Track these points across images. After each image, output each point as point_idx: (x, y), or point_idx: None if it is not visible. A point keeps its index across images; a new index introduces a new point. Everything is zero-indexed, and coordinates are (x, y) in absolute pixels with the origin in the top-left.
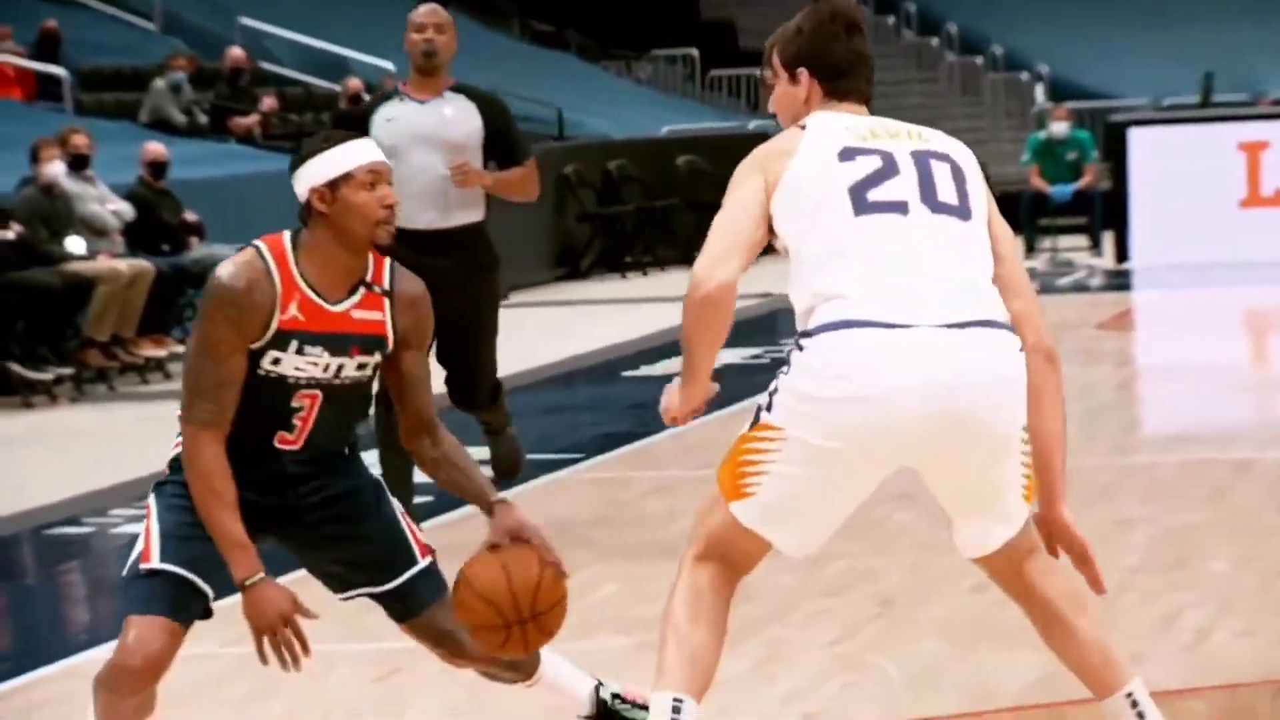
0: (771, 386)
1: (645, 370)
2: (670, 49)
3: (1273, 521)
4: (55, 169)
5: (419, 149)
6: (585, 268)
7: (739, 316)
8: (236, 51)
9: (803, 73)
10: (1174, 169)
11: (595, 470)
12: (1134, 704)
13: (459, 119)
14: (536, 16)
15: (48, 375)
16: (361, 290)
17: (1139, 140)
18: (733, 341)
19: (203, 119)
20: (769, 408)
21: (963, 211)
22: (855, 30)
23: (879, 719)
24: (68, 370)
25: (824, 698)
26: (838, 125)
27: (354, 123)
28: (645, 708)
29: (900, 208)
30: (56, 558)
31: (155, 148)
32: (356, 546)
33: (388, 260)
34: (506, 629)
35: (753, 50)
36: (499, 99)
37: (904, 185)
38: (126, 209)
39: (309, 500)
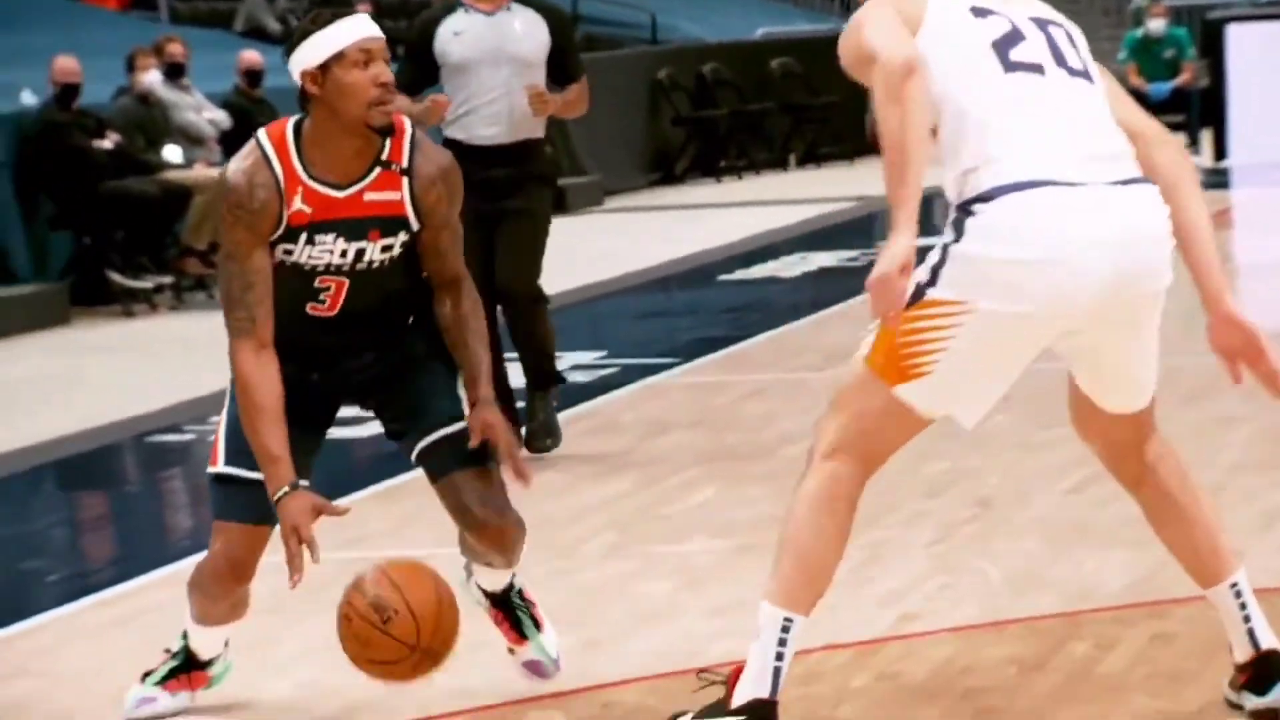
0: (933, 259)
1: (740, 274)
2: None
3: None
4: (151, 78)
5: (488, 64)
6: (679, 172)
7: (832, 219)
8: None
9: None
10: (1273, 66)
11: (691, 375)
12: (1238, 595)
13: (528, 33)
14: None
15: (147, 284)
16: (377, 169)
17: (1236, 37)
18: (827, 243)
19: None
20: (933, 282)
21: (1089, 76)
22: None
23: (977, 619)
24: (167, 278)
25: (922, 598)
26: None
27: (416, 39)
28: (537, 623)
29: (1039, 69)
30: (158, 464)
31: (251, 55)
32: (399, 399)
33: (408, 135)
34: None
35: None
36: (563, 11)
37: (1036, 48)
38: (223, 117)
39: (362, 366)
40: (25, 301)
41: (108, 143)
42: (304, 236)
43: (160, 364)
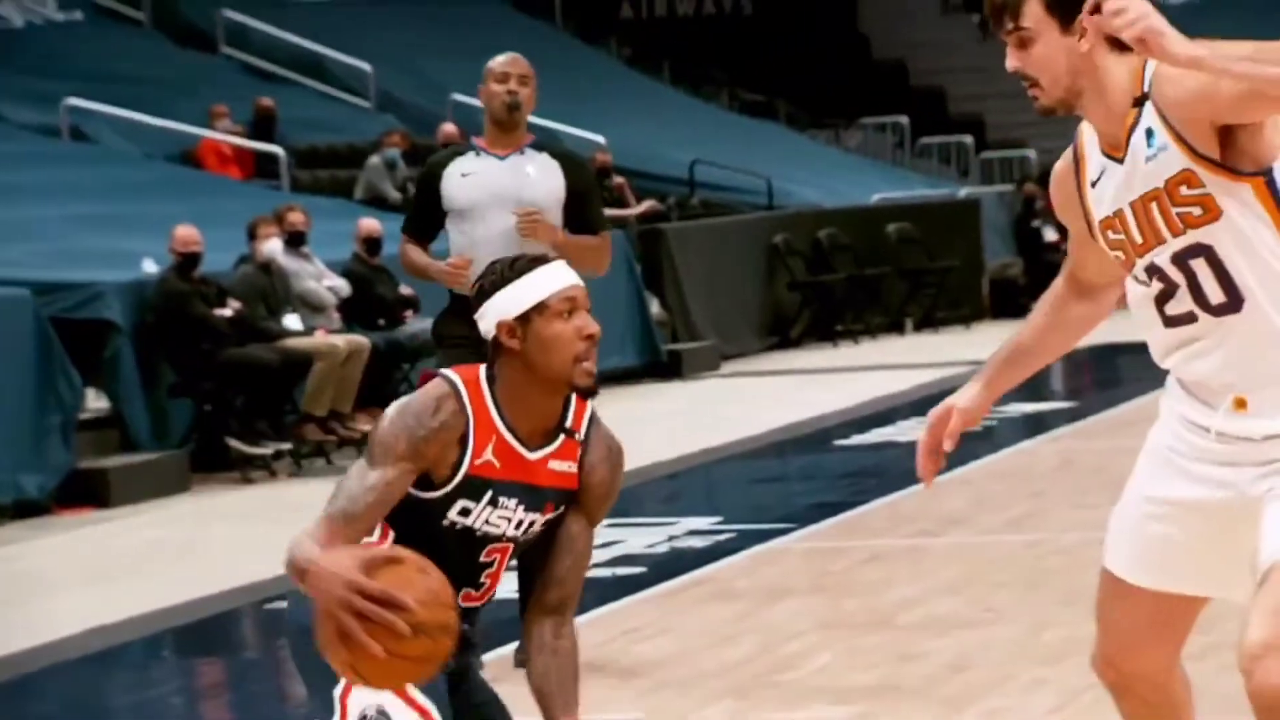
0: None
1: (856, 439)
2: (880, 116)
3: None
4: (272, 246)
5: (497, 208)
6: (796, 336)
7: (949, 384)
8: (449, 127)
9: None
10: None
11: (808, 540)
12: None
13: (542, 178)
14: (746, 87)
15: (266, 450)
16: (561, 437)
17: None
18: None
19: None
20: None
21: None
22: None
23: None
24: (286, 445)
25: None
26: None
27: (425, 179)
28: None
29: None
30: (277, 631)
31: (370, 224)
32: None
33: (589, 404)
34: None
35: (962, 116)
36: (582, 159)
37: None
38: (343, 285)
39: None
40: (146, 469)
41: (228, 311)
42: (489, 495)
43: (279, 530)
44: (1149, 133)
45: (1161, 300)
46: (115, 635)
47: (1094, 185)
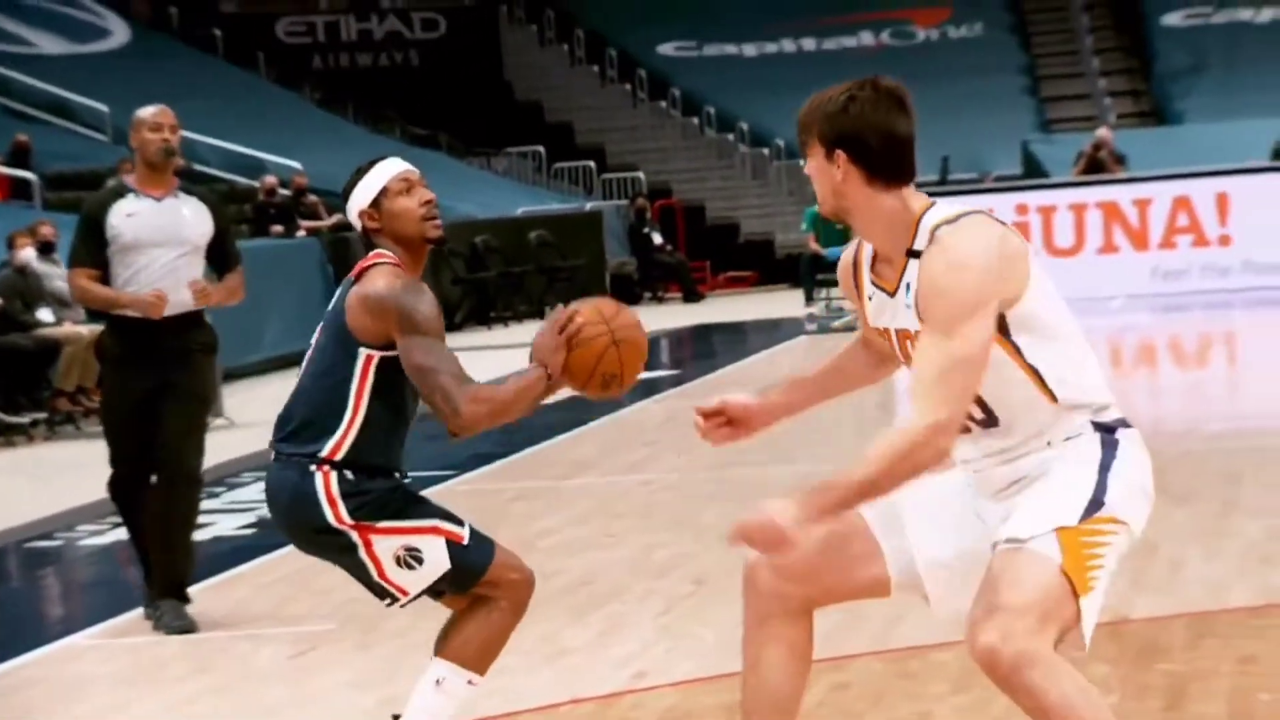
0: (1096, 477)
1: None
2: (522, 146)
3: None
4: (27, 254)
5: (158, 245)
6: (459, 322)
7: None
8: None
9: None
10: None
11: (469, 484)
12: None
13: (196, 220)
14: (415, 124)
15: (25, 419)
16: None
17: None
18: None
19: None
20: (1106, 499)
21: None
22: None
23: (694, 674)
24: (42, 415)
25: (652, 659)
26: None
27: (90, 217)
28: None
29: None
30: (35, 565)
31: None
32: None
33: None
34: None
35: (587, 146)
36: (223, 203)
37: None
38: None
39: None
40: None
41: None
42: None
43: (36, 484)
44: (908, 286)
45: None
46: None
47: (870, 298)
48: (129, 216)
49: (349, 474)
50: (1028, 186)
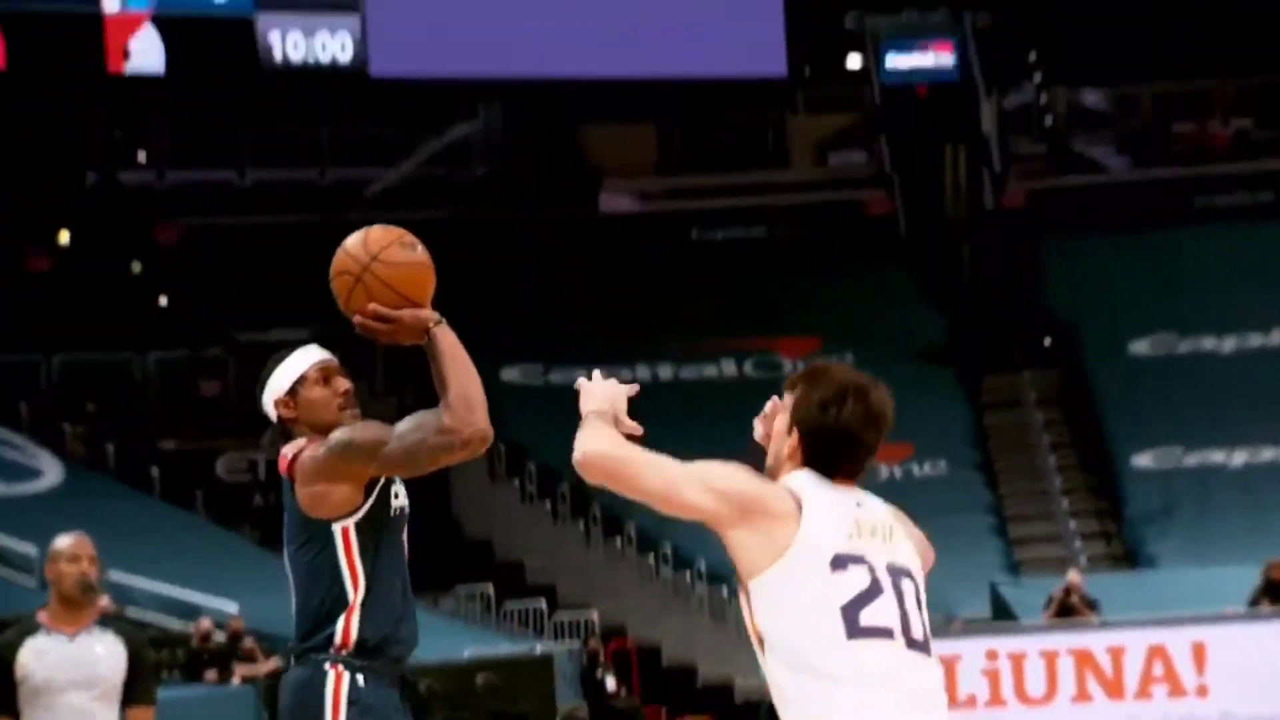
0: None
1: None
2: (470, 585)
3: None
4: None
5: (70, 686)
6: None
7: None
8: (103, 602)
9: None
10: None
11: None
12: None
13: (110, 658)
14: None
15: None
16: None
17: None
18: None
19: None
20: None
21: (928, 646)
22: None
23: None
24: None
25: None
26: (831, 513)
27: (0, 657)
28: None
29: (887, 634)
30: None
31: None
32: None
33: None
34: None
35: (538, 585)
36: (142, 637)
37: (887, 610)
38: None
39: None
40: None
41: None
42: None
43: None
44: None
45: None
46: None
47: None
48: (40, 656)
49: (360, 680)
50: (997, 631)
